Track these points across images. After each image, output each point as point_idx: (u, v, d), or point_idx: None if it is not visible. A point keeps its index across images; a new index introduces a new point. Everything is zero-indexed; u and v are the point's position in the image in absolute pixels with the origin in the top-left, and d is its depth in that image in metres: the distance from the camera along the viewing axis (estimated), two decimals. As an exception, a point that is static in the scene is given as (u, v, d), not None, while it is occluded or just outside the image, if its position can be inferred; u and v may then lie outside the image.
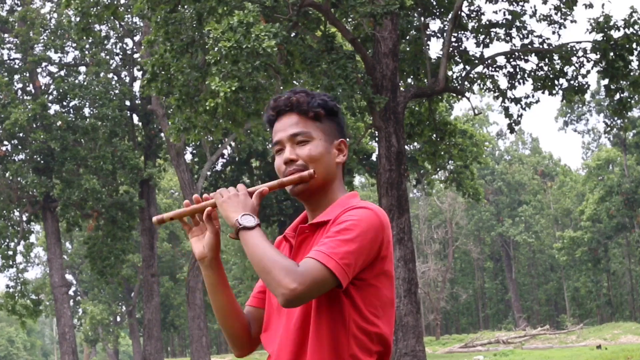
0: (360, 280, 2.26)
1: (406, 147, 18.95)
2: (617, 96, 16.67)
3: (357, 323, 2.25)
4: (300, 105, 2.39)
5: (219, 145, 28.49)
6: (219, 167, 31.92)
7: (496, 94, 17.67)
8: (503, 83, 17.55)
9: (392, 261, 2.34)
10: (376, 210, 2.29)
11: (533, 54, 17.19)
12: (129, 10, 23.04)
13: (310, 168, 2.35)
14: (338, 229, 2.24)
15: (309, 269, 2.16)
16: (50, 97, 28.80)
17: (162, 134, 28.35)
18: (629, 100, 16.67)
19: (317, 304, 2.26)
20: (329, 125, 2.41)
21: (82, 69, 29.58)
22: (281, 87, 14.69)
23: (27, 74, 28.79)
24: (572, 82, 16.88)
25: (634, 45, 16.00)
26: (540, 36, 17.12)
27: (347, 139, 2.46)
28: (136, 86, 30.29)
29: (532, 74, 17.13)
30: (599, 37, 16.18)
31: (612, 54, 16.02)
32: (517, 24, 17.18)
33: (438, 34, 17.53)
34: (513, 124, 17.73)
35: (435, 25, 17.90)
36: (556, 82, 16.90)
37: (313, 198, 2.40)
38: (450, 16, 16.47)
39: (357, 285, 2.26)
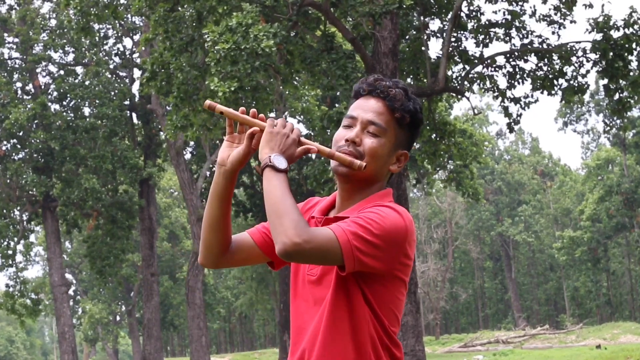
0: (377, 282, 2.27)
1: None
2: (617, 96, 16.65)
3: (374, 322, 2.29)
4: (394, 100, 2.36)
5: (219, 145, 28.48)
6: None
7: (495, 94, 17.67)
8: (502, 83, 17.53)
9: (410, 268, 2.31)
10: (403, 214, 2.27)
11: (532, 54, 17.18)
12: (129, 10, 23.02)
13: (364, 160, 2.34)
14: (362, 216, 2.24)
15: (320, 233, 2.17)
16: (50, 97, 28.80)
17: (162, 134, 28.34)
18: (628, 100, 16.65)
19: (334, 296, 2.27)
20: (405, 133, 2.40)
21: (80, 69, 29.54)
22: (281, 87, 14.69)
23: (27, 74, 28.80)
24: (571, 82, 16.87)
25: (634, 45, 15.98)
26: (539, 36, 17.11)
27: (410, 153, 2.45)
28: (135, 86, 30.30)
29: (532, 73, 17.12)
30: (598, 37, 16.17)
31: (611, 53, 16.00)
32: (517, 24, 17.16)
33: (438, 34, 17.53)
34: (512, 124, 17.72)
35: (434, 25, 17.86)
36: (555, 82, 16.88)
37: (349, 185, 2.38)
38: (449, 16, 16.47)
39: (372, 287, 2.28)
